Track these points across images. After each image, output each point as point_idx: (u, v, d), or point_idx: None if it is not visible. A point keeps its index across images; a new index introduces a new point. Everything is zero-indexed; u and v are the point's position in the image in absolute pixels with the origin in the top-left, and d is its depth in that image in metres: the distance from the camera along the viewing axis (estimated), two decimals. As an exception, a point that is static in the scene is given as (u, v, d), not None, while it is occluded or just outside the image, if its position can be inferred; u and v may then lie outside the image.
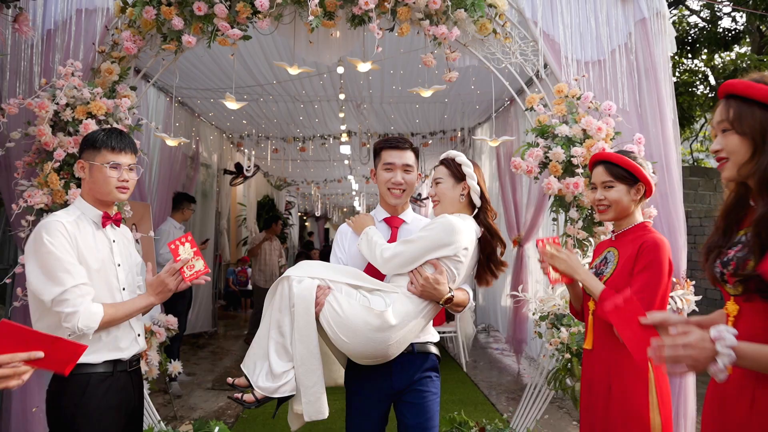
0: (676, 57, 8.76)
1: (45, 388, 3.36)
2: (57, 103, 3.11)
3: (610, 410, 1.98)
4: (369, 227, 2.20)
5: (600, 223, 3.25)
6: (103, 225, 1.94)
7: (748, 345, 1.23)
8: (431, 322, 2.20)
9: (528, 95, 3.61)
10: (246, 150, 7.73)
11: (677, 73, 8.75)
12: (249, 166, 6.98)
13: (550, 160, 3.29)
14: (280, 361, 1.99)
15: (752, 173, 1.34)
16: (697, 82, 8.41)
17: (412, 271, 2.04)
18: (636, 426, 1.92)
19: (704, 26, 8.60)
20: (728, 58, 8.56)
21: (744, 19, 8.00)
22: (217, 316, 8.69)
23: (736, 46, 8.14)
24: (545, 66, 3.65)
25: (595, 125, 3.25)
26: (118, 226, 2.04)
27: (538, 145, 3.36)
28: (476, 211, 2.15)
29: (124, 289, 1.95)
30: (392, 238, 2.23)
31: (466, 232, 2.04)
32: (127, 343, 1.93)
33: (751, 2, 7.38)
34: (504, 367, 6.40)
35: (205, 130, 7.37)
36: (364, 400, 2.16)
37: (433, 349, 2.22)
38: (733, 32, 7.97)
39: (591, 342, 2.08)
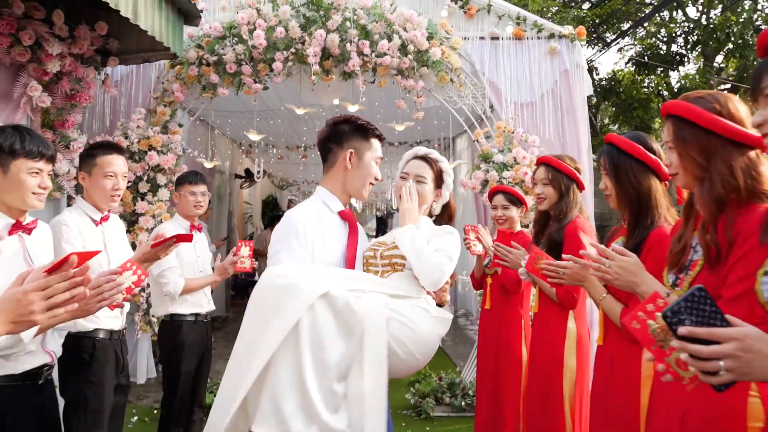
0: (636, 75, 9.98)
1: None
2: (129, 140, 4.29)
3: (499, 351, 3.14)
4: (411, 227, 1.81)
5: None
6: (190, 231, 3.09)
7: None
8: None
9: (477, 129, 4.78)
10: (256, 159, 8.90)
11: (637, 89, 9.93)
12: (259, 172, 8.12)
13: (488, 181, 4.46)
14: (334, 415, 1.50)
15: (554, 209, 2.54)
16: (652, 98, 9.63)
17: None
18: (513, 358, 3.07)
19: (658, 47, 9.81)
20: (676, 78, 9.84)
21: (686, 43, 9.24)
22: (230, 303, 9.86)
23: (681, 67, 9.39)
24: (491, 106, 4.81)
25: (522, 155, 4.42)
26: (200, 232, 3.19)
27: (480, 168, 4.54)
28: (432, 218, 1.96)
29: (201, 271, 3.11)
30: (352, 236, 1.87)
31: None
32: (204, 304, 3.10)
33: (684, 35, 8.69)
34: (475, 343, 7.57)
35: (220, 141, 8.53)
36: None
37: None
38: (677, 55, 9.21)
39: (489, 303, 3.25)
